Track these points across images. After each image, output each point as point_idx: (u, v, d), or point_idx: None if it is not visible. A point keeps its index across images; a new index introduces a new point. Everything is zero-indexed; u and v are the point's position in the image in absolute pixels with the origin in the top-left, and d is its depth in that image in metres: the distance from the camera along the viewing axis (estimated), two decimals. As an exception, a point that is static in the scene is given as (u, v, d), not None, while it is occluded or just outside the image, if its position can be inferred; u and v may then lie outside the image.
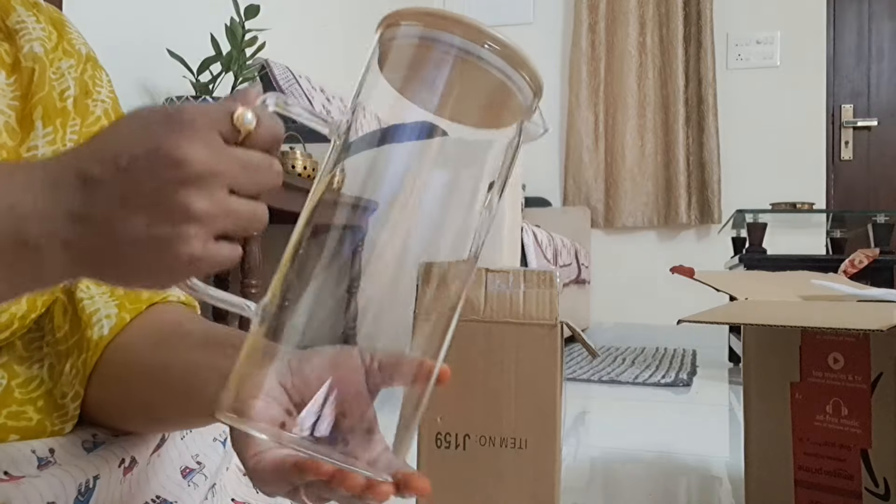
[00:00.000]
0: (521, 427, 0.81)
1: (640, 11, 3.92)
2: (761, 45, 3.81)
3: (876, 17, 3.76)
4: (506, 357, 0.81)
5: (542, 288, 0.82)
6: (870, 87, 3.76)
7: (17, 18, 0.56)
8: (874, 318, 0.81)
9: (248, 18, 1.94)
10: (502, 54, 0.38)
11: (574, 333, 0.83)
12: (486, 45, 0.38)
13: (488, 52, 0.38)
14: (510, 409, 0.81)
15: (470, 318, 0.81)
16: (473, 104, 0.40)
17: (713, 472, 1.39)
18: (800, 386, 1.02)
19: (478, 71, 0.38)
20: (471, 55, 0.38)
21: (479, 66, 0.38)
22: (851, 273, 1.73)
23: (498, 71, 0.38)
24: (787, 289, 1.14)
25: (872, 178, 3.75)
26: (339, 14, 3.24)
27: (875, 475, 0.95)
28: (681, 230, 3.92)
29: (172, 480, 0.55)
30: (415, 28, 0.39)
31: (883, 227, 2.71)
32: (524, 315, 0.81)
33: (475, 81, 0.39)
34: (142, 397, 0.53)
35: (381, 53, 0.41)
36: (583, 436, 1.68)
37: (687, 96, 3.85)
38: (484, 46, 0.38)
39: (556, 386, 0.81)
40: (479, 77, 0.38)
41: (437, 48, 0.38)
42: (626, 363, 2.85)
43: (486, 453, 0.81)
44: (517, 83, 0.39)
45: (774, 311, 0.97)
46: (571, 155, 3.99)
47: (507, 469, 0.81)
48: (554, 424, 0.80)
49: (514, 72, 0.39)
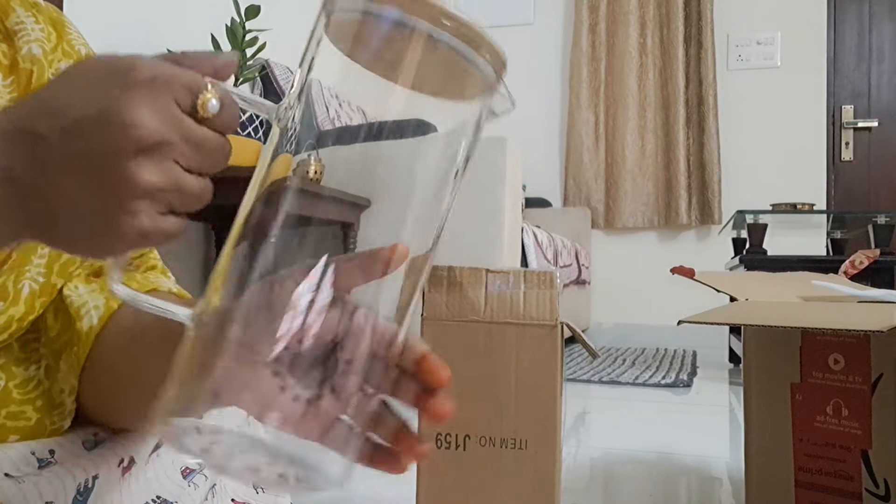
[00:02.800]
0: (521, 428, 0.81)
1: (641, 12, 3.92)
2: (762, 46, 3.81)
3: (876, 17, 3.76)
4: (506, 357, 0.81)
5: (543, 288, 0.82)
6: (870, 87, 3.76)
7: (16, 19, 0.56)
8: (874, 319, 0.81)
9: (248, 19, 1.94)
10: (458, 33, 0.36)
11: (574, 334, 0.83)
12: (443, 21, 0.36)
13: (445, 32, 0.36)
14: (510, 410, 0.81)
15: (470, 318, 0.81)
16: (434, 78, 0.38)
17: (713, 472, 1.39)
18: (800, 387, 1.02)
19: (435, 49, 0.36)
20: (428, 35, 0.36)
21: (435, 45, 0.36)
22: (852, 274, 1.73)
23: (455, 51, 0.37)
24: (788, 289, 1.14)
25: (873, 179, 3.75)
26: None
27: (875, 476, 0.95)
28: (681, 231, 3.91)
29: (172, 481, 0.55)
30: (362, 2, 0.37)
31: (883, 227, 2.71)
32: (524, 316, 0.81)
33: (433, 58, 0.37)
34: (128, 393, 0.52)
35: (331, 24, 0.39)
36: (583, 436, 1.68)
37: (687, 97, 3.85)
38: (440, 26, 0.36)
39: (556, 386, 0.81)
40: (436, 54, 0.37)
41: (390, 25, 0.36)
42: (626, 364, 2.85)
43: (487, 454, 0.81)
44: (476, 62, 0.37)
45: (775, 311, 0.97)
46: (572, 155, 3.99)
47: (508, 469, 0.81)
48: (554, 425, 0.80)
49: (473, 52, 0.37)
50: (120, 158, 0.32)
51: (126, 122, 0.32)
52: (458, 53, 0.37)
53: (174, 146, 0.33)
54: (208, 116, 0.34)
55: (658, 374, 2.55)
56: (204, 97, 0.34)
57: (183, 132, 0.34)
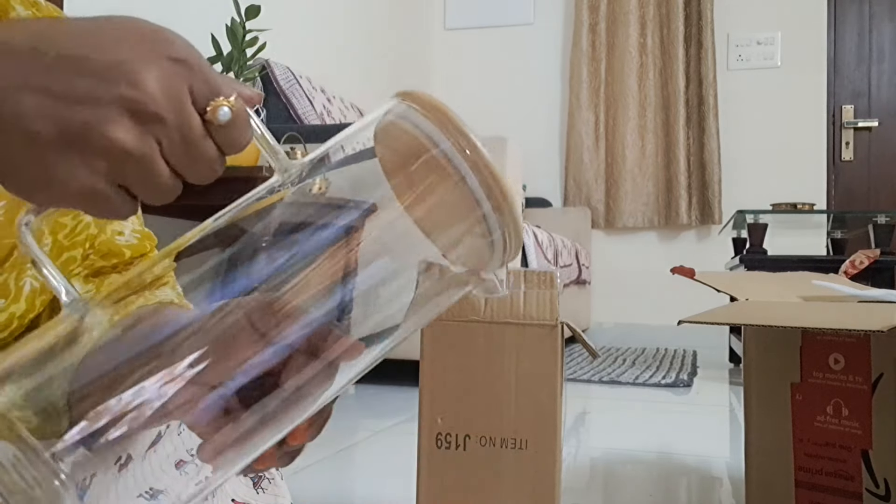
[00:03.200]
0: (521, 427, 0.81)
1: (641, 12, 3.92)
2: (762, 46, 3.81)
3: (877, 17, 3.76)
4: (506, 357, 0.81)
5: (543, 288, 0.82)
6: (870, 87, 3.76)
7: (15, 17, 0.56)
8: (875, 319, 0.81)
9: (248, 19, 1.94)
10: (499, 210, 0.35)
11: (574, 334, 0.83)
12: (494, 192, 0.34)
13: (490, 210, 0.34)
14: (510, 410, 0.81)
15: (470, 318, 0.81)
16: (445, 224, 0.37)
17: (713, 472, 1.39)
18: (800, 386, 1.02)
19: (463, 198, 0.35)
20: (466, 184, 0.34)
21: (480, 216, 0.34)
22: (852, 274, 1.73)
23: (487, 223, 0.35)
24: (788, 289, 1.14)
25: (873, 179, 3.75)
26: (340, 14, 3.23)
27: (876, 476, 0.95)
28: (681, 231, 3.91)
29: (166, 472, 0.55)
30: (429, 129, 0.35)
31: (884, 227, 2.71)
32: (525, 315, 0.81)
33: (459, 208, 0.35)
34: None
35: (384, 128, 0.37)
36: (583, 436, 1.68)
37: (687, 97, 3.84)
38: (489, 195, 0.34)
39: (556, 386, 0.81)
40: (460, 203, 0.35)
41: (442, 162, 0.35)
42: (626, 364, 2.85)
43: (487, 454, 0.81)
44: (492, 226, 0.35)
45: (775, 311, 0.96)
46: (572, 155, 3.99)
47: (508, 469, 0.81)
48: (554, 425, 0.80)
49: (496, 219, 0.35)
50: (105, 108, 0.30)
51: (132, 81, 0.30)
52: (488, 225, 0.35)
53: (165, 125, 0.31)
54: (215, 122, 0.33)
55: (658, 374, 2.55)
56: (219, 102, 0.33)
57: (180, 119, 0.32)
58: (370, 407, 1.93)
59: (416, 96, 0.36)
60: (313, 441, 0.42)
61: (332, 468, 1.32)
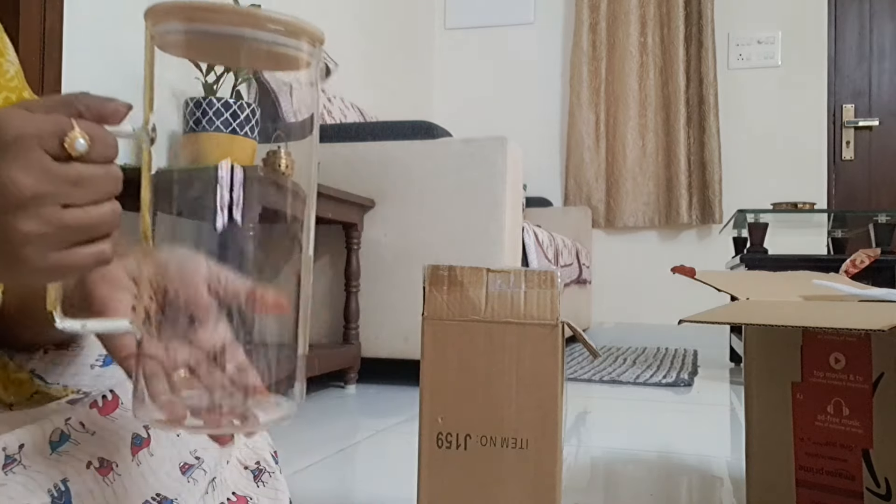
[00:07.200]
0: (522, 427, 0.80)
1: (641, 11, 3.92)
2: (762, 45, 3.81)
3: (877, 16, 3.76)
4: (507, 357, 0.81)
5: (543, 288, 0.82)
6: (871, 86, 3.76)
7: None
8: (876, 318, 0.81)
9: (248, 18, 1.94)
10: (277, 31, 0.40)
11: (575, 333, 0.83)
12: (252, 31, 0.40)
13: (258, 37, 0.40)
14: (511, 409, 0.81)
15: (471, 317, 0.81)
16: (264, 63, 0.46)
17: (714, 472, 1.39)
18: (801, 386, 1.02)
19: (255, 47, 0.41)
20: (242, 39, 0.40)
21: (254, 45, 0.40)
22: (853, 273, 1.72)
23: (270, 45, 0.41)
24: (789, 289, 1.14)
25: (874, 178, 3.74)
26: (340, 13, 3.23)
27: (876, 475, 0.95)
28: (682, 230, 3.91)
29: (171, 477, 0.55)
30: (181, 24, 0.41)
31: (884, 226, 2.71)
32: (525, 315, 0.81)
33: (256, 53, 0.42)
34: None
35: (160, 43, 0.42)
36: (584, 436, 1.68)
37: (688, 96, 3.84)
38: (250, 32, 0.40)
39: (557, 386, 0.81)
40: (258, 50, 0.41)
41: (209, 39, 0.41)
42: (627, 363, 2.85)
43: (487, 453, 0.81)
44: (293, 47, 0.42)
45: (776, 310, 0.96)
46: (572, 155, 3.99)
47: (508, 469, 0.81)
48: (555, 424, 0.80)
49: (288, 39, 0.41)
50: (2, 214, 0.36)
51: (1, 183, 0.35)
52: (281, 45, 0.41)
53: (48, 194, 0.36)
54: (79, 154, 0.37)
55: (659, 374, 2.55)
56: (71, 138, 0.37)
57: (54, 178, 0.36)
58: (370, 406, 1.93)
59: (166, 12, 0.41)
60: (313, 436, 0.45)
61: (332, 468, 1.32)
